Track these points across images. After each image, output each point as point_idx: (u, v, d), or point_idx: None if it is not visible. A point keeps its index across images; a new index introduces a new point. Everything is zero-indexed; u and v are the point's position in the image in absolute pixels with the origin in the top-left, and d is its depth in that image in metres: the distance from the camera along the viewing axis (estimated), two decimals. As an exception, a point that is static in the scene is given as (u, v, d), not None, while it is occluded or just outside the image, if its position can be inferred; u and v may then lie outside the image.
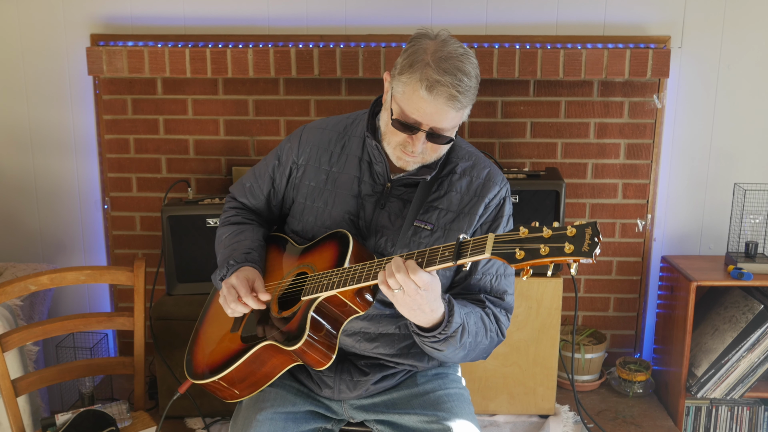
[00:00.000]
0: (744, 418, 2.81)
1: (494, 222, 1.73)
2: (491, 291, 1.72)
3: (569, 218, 2.99)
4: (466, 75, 1.56)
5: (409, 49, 1.60)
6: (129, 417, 2.15)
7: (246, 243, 1.80)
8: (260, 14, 2.91)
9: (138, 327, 2.12)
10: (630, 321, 3.12)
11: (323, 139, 1.81)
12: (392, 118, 1.62)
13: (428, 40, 1.60)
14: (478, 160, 1.78)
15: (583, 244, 1.29)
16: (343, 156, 1.78)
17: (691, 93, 2.92)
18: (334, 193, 1.76)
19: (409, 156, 1.65)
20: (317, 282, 1.61)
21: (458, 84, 1.55)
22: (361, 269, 1.55)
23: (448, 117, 1.58)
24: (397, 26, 2.88)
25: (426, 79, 1.55)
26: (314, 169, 1.79)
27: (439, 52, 1.57)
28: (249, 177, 1.92)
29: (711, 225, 3.02)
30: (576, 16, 2.87)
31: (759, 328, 2.64)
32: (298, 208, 1.81)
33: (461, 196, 1.72)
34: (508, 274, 1.74)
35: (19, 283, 2.01)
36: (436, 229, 1.70)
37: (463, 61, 1.57)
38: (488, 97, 2.92)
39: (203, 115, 2.97)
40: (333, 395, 1.76)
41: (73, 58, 2.94)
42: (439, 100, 1.55)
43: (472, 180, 1.74)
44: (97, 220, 3.09)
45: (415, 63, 1.57)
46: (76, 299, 3.15)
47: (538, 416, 2.75)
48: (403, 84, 1.58)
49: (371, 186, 1.75)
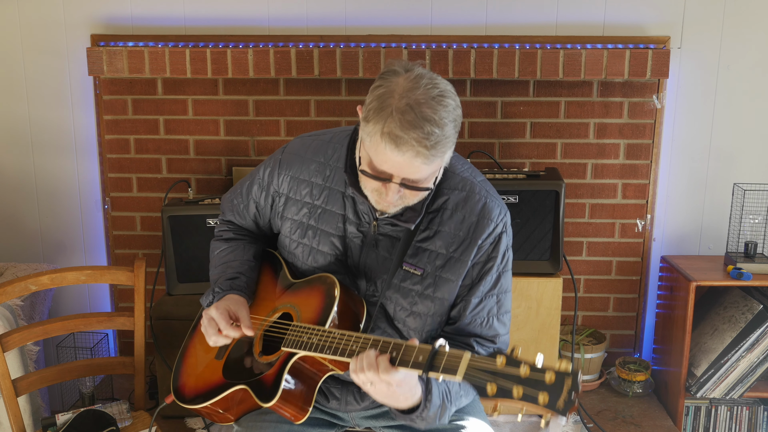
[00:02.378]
0: (743, 418, 2.82)
1: (486, 264, 1.61)
2: (482, 335, 1.62)
3: (569, 218, 2.99)
4: (438, 125, 1.38)
5: (377, 89, 1.43)
6: (129, 417, 2.15)
7: (235, 265, 1.74)
8: (260, 14, 2.91)
9: (138, 327, 2.12)
10: (629, 321, 3.12)
11: (303, 170, 1.67)
12: (360, 168, 1.49)
13: (397, 78, 1.42)
14: (473, 190, 1.61)
15: (559, 399, 1.17)
16: (325, 190, 1.64)
17: (691, 93, 2.92)
18: (318, 231, 1.65)
19: (385, 203, 1.51)
20: (298, 336, 1.54)
21: (426, 138, 1.37)
22: (339, 340, 1.46)
23: (421, 170, 1.43)
24: (397, 26, 2.89)
25: (389, 134, 1.38)
26: (296, 203, 1.68)
27: (406, 96, 1.39)
28: (237, 193, 1.83)
29: (710, 225, 3.03)
30: (576, 17, 2.88)
31: (758, 328, 2.65)
32: (285, 240, 1.72)
33: (452, 236, 1.58)
34: (502, 313, 1.63)
35: (19, 283, 2.02)
36: (426, 274, 1.59)
37: (435, 107, 1.39)
38: (488, 98, 2.92)
39: (203, 115, 2.98)
40: (340, 407, 1.72)
41: (74, 58, 2.94)
42: (406, 156, 1.39)
43: (464, 217, 1.58)
44: (98, 220, 3.09)
45: (380, 110, 1.40)
46: (77, 299, 3.15)
47: (538, 416, 2.75)
48: (369, 134, 1.43)
49: (356, 225, 1.62)
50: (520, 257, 2.64)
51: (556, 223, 2.60)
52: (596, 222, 3.02)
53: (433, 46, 2.82)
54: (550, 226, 2.61)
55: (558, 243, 2.61)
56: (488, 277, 1.60)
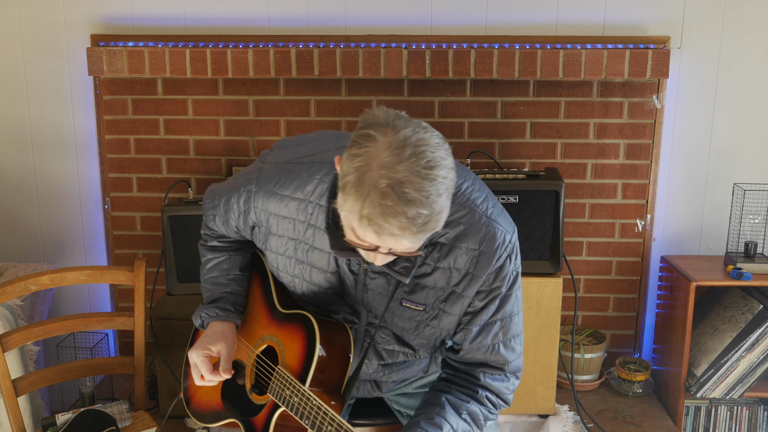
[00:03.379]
0: (743, 418, 2.82)
1: (489, 293, 1.50)
2: (487, 363, 1.53)
3: (569, 218, 3.00)
4: (425, 206, 1.20)
5: (356, 156, 1.23)
6: (129, 417, 2.15)
7: (221, 283, 1.71)
8: (260, 14, 2.91)
9: (138, 327, 2.13)
10: (629, 321, 3.12)
11: (282, 208, 1.51)
12: (344, 237, 1.33)
13: (378, 142, 1.23)
14: (473, 219, 1.44)
15: None
16: (310, 228, 1.49)
17: (691, 93, 2.92)
18: (309, 267, 1.53)
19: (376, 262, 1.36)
20: (281, 388, 1.50)
21: (411, 222, 1.21)
22: (316, 412, 1.40)
23: (408, 246, 1.27)
24: (397, 26, 2.89)
25: (367, 217, 1.21)
26: (279, 238, 1.54)
27: (387, 171, 1.20)
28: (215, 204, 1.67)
29: (710, 225, 3.03)
30: (576, 17, 2.88)
31: (758, 328, 2.65)
32: (272, 263, 1.61)
33: (453, 271, 1.45)
34: (509, 338, 1.51)
35: (19, 283, 2.02)
36: (428, 308, 1.52)
37: (421, 185, 1.20)
38: (488, 98, 2.92)
39: (203, 115, 2.98)
40: (357, 393, 1.75)
41: (74, 58, 2.94)
42: (387, 239, 1.24)
43: (466, 250, 1.43)
44: (98, 220, 3.09)
45: (358, 186, 1.21)
46: (77, 299, 3.15)
47: (537, 416, 2.75)
48: (347, 210, 1.25)
49: (347, 265, 1.50)
50: (520, 257, 2.63)
51: (556, 223, 2.60)
52: (596, 222, 3.02)
53: (433, 46, 2.82)
54: (550, 226, 2.61)
55: (558, 243, 2.61)
56: (491, 306, 1.49)
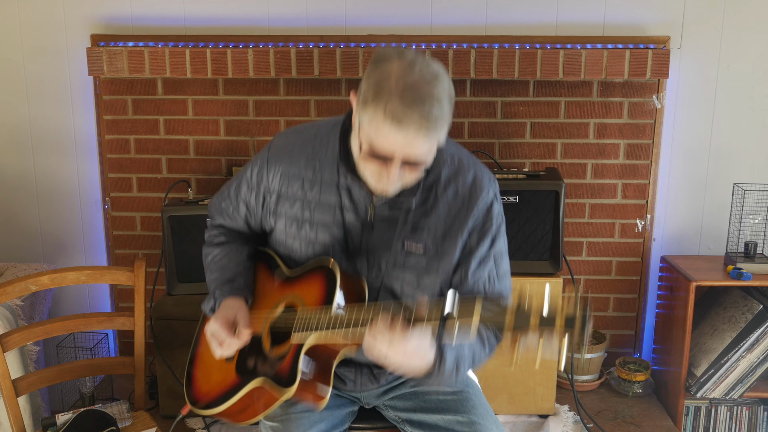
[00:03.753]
0: (743, 418, 2.82)
1: (482, 229, 1.68)
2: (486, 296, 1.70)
3: (569, 218, 3.00)
4: (436, 102, 1.45)
5: (373, 75, 1.49)
6: (129, 417, 2.15)
7: (231, 267, 1.78)
8: (260, 14, 2.91)
9: (138, 327, 2.13)
10: (629, 321, 3.12)
11: (292, 166, 1.71)
12: (362, 150, 1.53)
13: (392, 63, 1.48)
14: (462, 163, 1.69)
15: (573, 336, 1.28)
16: (317, 183, 1.68)
17: (691, 93, 2.92)
18: (315, 223, 1.69)
19: (386, 183, 1.56)
20: (306, 322, 1.58)
21: (427, 115, 1.44)
22: (349, 314, 1.51)
23: (422, 147, 1.49)
24: (397, 26, 2.89)
25: (391, 112, 1.43)
26: (288, 198, 1.71)
27: (404, 78, 1.45)
28: (224, 196, 1.86)
29: (710, 225, 3.03)
30: (575, 17, 2.88)
31: (758, 328, 2.65)
32: (280, 235, 1.75)
33: (448, 209, 1.66)
34: (501, 275, 1.71)
35: (19, 283, 2.02)
36: (427, 249, 1.66)
37: (432, 86, 1.46)
38: (488, 98, 2.92)
39: (203, 115, 2.98)
40: (355, 389, 1.79)
41: (74, 58, 2.94)
42: (408, 133, 1.45)
43: (457, 190, 1.66)
44: (98, 220, 3.09)
45: (379, 93, 1.45)
46: (77, 299, 3.15)
47: (537, 416, 2.75)
48: (369, 116, 1.47)
49: (353, 212, 1.67)
50: (520, 257, 2.64)
51: (556, 223, 2.60)
52: (596, 222, 3.02)
53: (433, 46, 2.82)
54: (550, 226, 2.61)
55: (558, 243, 2.61)
56: (485, 241, 1.67)
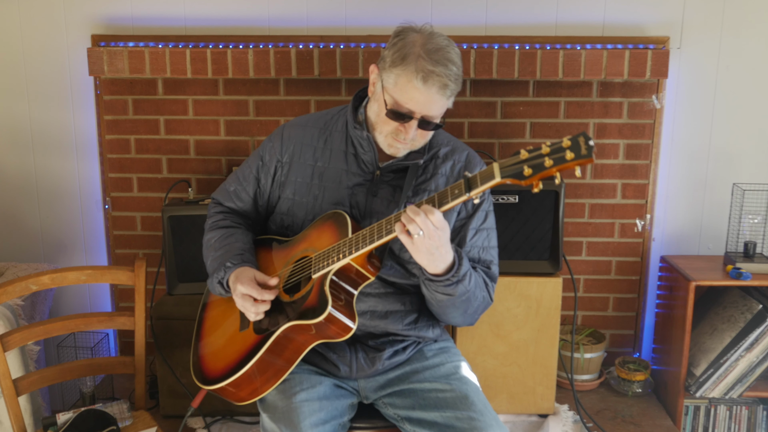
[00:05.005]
0: (743, 418, 2.82)
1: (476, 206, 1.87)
2: (480, 261, 1.87)
3: (568, 218, 3.00)
4: (454, 64, 1.70)
5: (398, 43, 1.72)
6: (130, 416, 2.16)
7: (238, 245, 1.87)
8: (260, 15, 2.92)
9: (139, 326, 2.13)
10: (629, 321, 3.12)
11: (306, 135, 1.91)
12: (387, 108, 1.73)
13: (415, 34, 1.73)
14: (456, 145, 1.92)
15: (581, 149, 1.39)
16: (327, 150, 1.88)
17: (690, 93, 2.92)
18: (322, 187, 1.86)
19: (400, 143, 1.77)
20: (325, 257, 1.69)
21: (449, 73, 1.68)
22: (370, 232, 1.63)
23: (439, 104, 1.72)
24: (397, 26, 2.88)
25: (421, 70, 1.67)
26: (299, 165, 1.88)
27: (428, 44, 1.69)
28: (232, 181, 2.00)
29: (710, 225, 3.03)
30: (575, 17, 2.88)
31: (757, 328, 2.65)
32: (286, 203, 1.89)
33: (447, 178, 1.86)
34: (491, 247, 1.89)
35: (20, 283, 2.02)
36: None
37: (450, 51, 1.71)
38: (488, 98, 2.93)
39: (204, 115, 2.98)
40: (351, 374, 1.83)
41: (74, 58, 2.95)
42: (432, 89, 1.68)
43: (454, 163, 1.88)
44: (98, 220, 3.10)
45: (407, 56, 1.69)
46: (77, 299, 3.16)
47: (537, 416, 2.76)
48: (396, 76, 1.70)
49: (360, 175, 1.84)
50: (519, 257, 2.64)
51: (556, 223, 2.61)
52: (596, 222, 3.02)
53: (432, 46, 2.82)
54: (550, 226, 2.62)
55: (558, 243, 2.61)
56: (479, 213, 1.87)
